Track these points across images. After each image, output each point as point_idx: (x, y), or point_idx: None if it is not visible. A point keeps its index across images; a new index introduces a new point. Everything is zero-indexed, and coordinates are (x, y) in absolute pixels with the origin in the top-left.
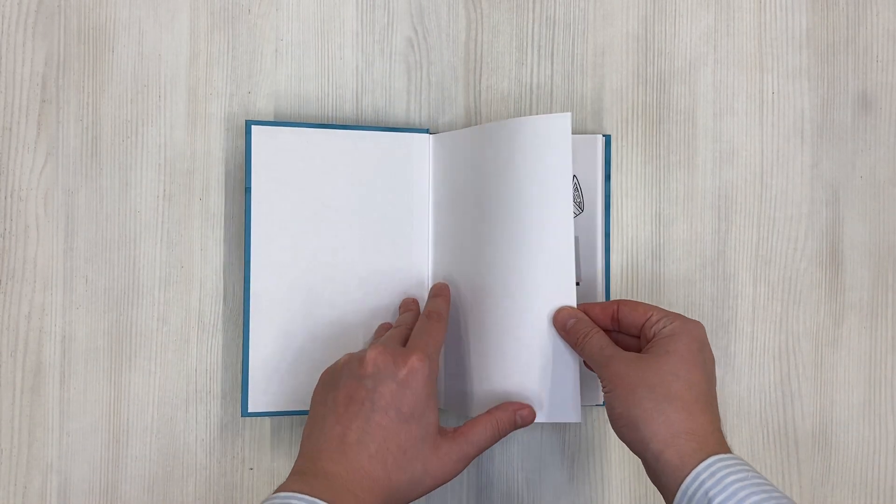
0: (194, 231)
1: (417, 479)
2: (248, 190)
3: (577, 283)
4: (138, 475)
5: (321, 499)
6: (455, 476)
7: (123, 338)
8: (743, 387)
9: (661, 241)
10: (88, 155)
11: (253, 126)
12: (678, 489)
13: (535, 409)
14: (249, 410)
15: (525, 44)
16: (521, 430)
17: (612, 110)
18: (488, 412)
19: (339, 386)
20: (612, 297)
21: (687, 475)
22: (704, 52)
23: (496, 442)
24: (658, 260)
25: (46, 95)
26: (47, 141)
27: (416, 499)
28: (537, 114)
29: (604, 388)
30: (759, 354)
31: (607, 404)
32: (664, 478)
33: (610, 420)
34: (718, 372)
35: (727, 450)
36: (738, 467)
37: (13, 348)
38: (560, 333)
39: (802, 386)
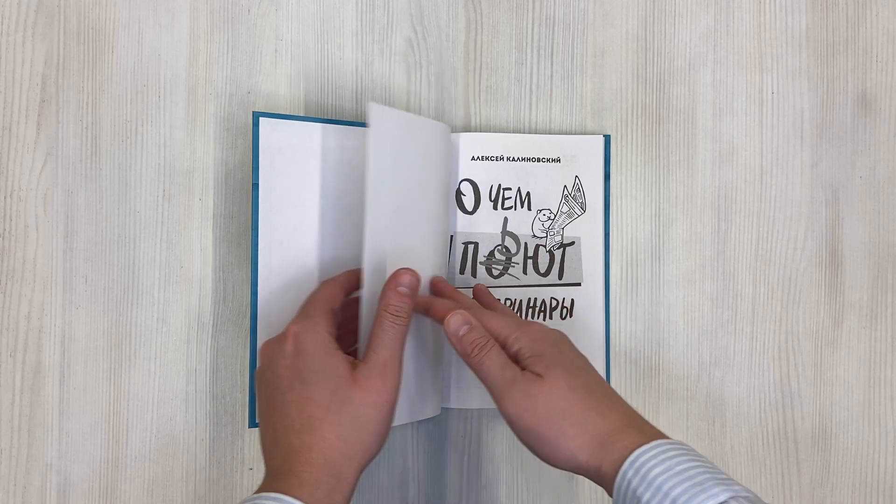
0: (194, 231)
1: (356, 417)
2: (255, 186)
3: (579, 284)
4: (138, 475)
5: (263, 491)
6: (392, 389)
7: (123, 338)
8: (743, 387)
9: (661, 241)
10: (88, 155)
11: (261, 118)
12: (613, 491)
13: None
14: (258, 421)
15: (525, 44)
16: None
17: (612, 110)
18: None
19: (259, 397)
20: (612, 297)
21: (616, 476)
22: (704, 52)
23: (405, 326)
24: (658, 260)
25: (46, 95)
26: (47, 141)
27: (378, 437)
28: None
29: (508, 415)
30: (759, 354)
31: (524, 440)
32: (609, 487)
33: (539, 455)
34: (718, 372)
35: (653, 433)
36: (662, 456)
37: (13, 348)
38: (451, 340)
39: (802, 386)
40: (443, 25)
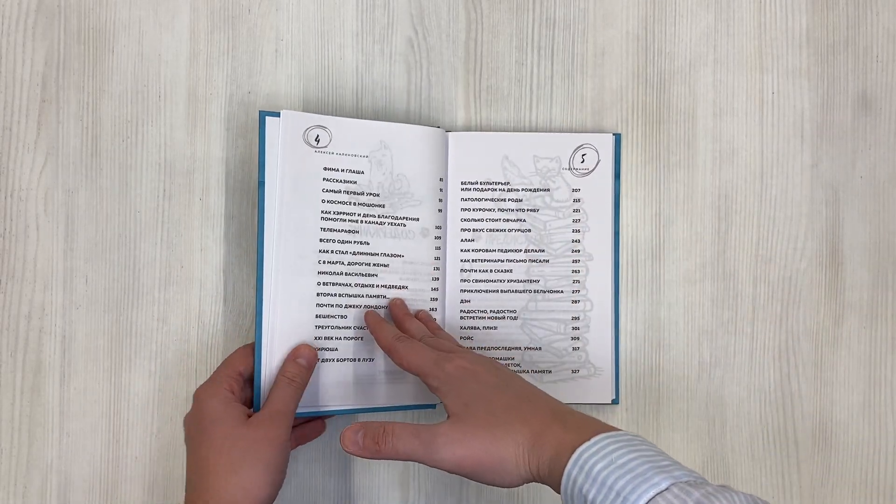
0: (194, 231)
1: (248, 451)
2: (261, 184)
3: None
4: (138, 475)
5: None
6: (283, 433)
7: (123, 338)
8: (743, 387)
9: (661, 241)
10: (88, 155)
11: (267, 117)
12: (560, 491)
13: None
14: None
15: (525, 44)
16: None
17: (612, 110)
18: None
19: None
20: (621, 297)
21: (561, 476)
22: (704, 52)
23: (299, 389)
24: (658, 260)
25: (46, 95)
26: (47, 141)
27: (271, 471)
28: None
29: (450, 469)
30: (759, 354)
31: (477, 479)
32: (555, 486)
33: (494, 485)
34: (718, 372)
35: (579, 424)
36: (604, 451)
37: (13, 348)
38: (359, 454)
39: (802, 386)
40: (443, 25)
